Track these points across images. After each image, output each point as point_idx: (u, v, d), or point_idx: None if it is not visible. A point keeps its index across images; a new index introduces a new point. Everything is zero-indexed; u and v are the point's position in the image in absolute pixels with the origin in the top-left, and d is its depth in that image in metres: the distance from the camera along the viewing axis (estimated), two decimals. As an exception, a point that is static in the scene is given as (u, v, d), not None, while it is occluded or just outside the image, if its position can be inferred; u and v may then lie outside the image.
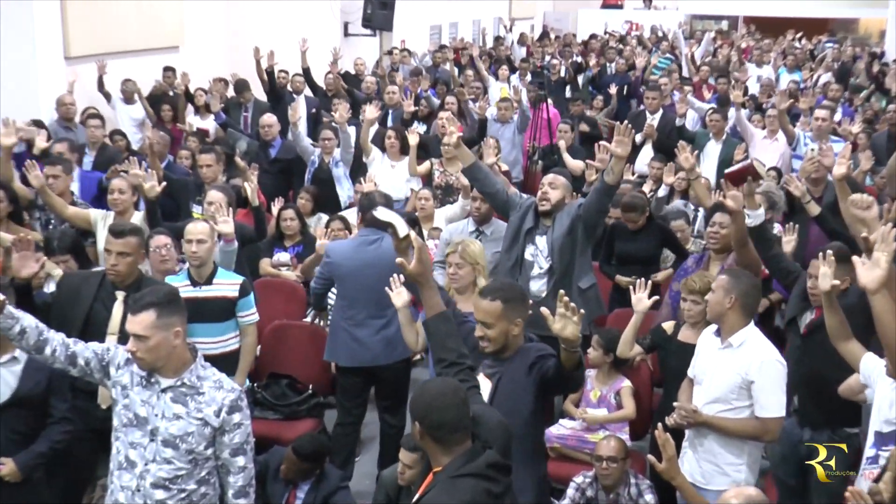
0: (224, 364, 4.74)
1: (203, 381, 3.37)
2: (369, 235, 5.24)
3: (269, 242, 6.72)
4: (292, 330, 5.79)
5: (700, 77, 12.60)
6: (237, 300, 4.85)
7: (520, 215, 5.35)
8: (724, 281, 4.04)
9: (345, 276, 5.24)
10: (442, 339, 3.38)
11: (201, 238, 4.82)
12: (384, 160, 7.94)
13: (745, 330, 3.99)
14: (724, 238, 5.20)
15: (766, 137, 8.68)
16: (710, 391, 4.03)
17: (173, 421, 3.33)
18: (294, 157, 8.45)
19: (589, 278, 5.32)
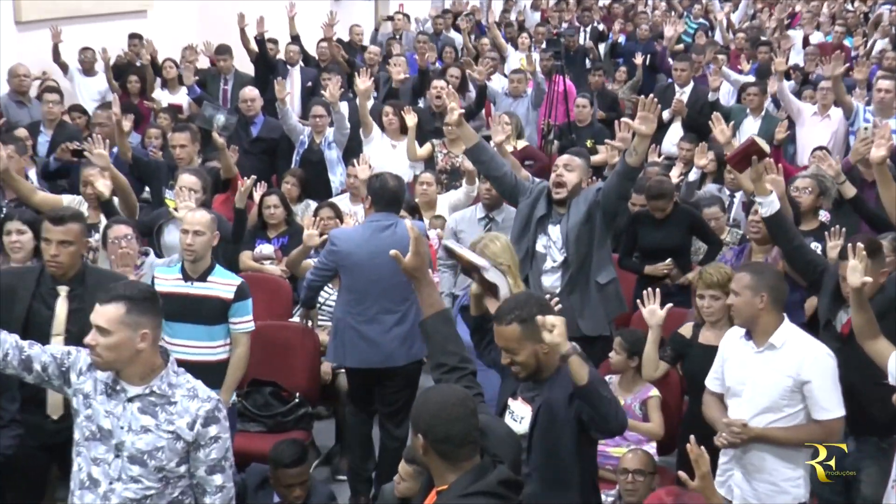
0: (206, 374, 4.70)
1: (175, 390, 3.35)
2: (382, 220, 5.26)
3: (251, 233, 6.76)
4: (277, 331, 5.83)
5: (736, 45, 12.58)
6: (232, 303, 4.86)
7: (530, 202, 5.36)
8: (747, 280, 4.01)
9: (353, 267, 5.25)
10: (442, 342, 3.38)
11: (199, 229, 4.83)
12: (384, 139, 7.97)
13: (783, 327, 4.00)
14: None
15: (817, 114, 8.61)
16: (756, 401, 4.01)
17: (141, 434, 3.30)
18: (279, 136, 8.47)
19: (608, 272, 5.34)
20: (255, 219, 6.86)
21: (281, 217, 6.81)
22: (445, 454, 2.83)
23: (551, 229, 5.29)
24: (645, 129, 4.94)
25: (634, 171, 5.11)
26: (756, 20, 16.22)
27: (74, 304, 4.34)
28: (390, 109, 8.03)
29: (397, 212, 5.42)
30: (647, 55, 11.86)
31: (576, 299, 5.25)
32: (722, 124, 5.95)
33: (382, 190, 5.34)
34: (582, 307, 5.26)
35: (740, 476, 4.10)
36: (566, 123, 9.30)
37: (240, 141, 8.04)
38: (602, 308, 5.31)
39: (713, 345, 4.65)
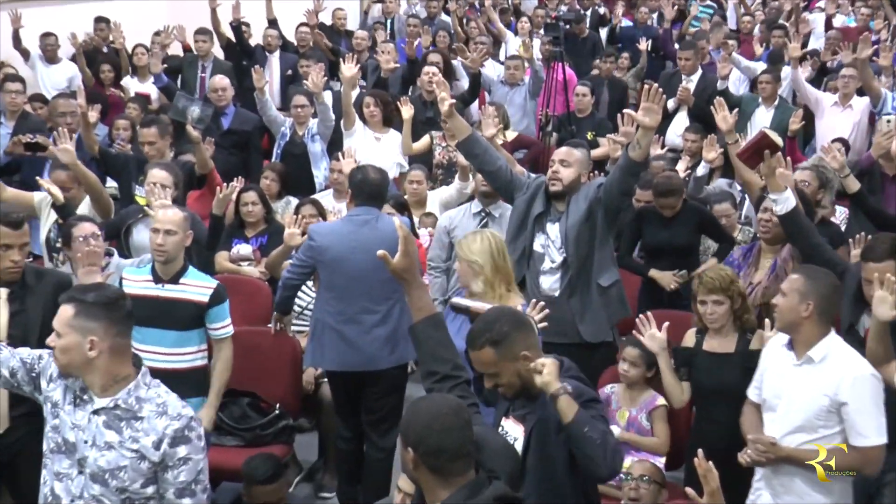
0: (177, 383, 4.72)
1: (144, 405, 3.30)
2: (363, 215, 5.32)
3: (227, 232, 6.74)
4: (255, 337, 5.82)
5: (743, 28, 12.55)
6: (208, 308, 4.87)
7: (526, 198, 5.39)
8: (798, 282, 3.99)
9: (332, 263, 5.30)
10: (433, 348, 3.37)
11: (170, 228, 4.85)
12: (366, 132, 7.98)
13: (826, 341, 3.97)
14: (777, 227, 5.24)
15: (837, 104, 8.61)
16: (790, 418, 4.00)
17: (104, 451, 3.28)
18: (251, 128, 8.47)
19: (611, 274, 5.37)
20: (232, 217, 6.86)
21: (260, 215, 6.81)
22: (437, 469, 2.83)
23: (549, 227, 5.32)
24: (648, 121, 4.95)
25: (638, 166, 5.11)
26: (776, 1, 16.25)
27: (15, 305, 4.37)
28: (371, 100, 8.02)
29: (379, 206, 5.48)
30: (650, 40, 11.88)
31: (576, 302, 5.28)
32: (725, 110, 5.97)
33: (363, 183, 5.39)
34: (583, 311, 5.28)
35: (768, 497, 4.09)
36: (565, 114, 9.31)
37: (209, 134, 8.00)
38: (604, 312, 5.33)
39: (719, 352, 4.70)
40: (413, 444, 2.84)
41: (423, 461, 2.83)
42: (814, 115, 8.83)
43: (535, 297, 5.25)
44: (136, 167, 6.78)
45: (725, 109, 5.99)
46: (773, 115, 8.60)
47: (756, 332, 4.72)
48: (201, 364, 4.93)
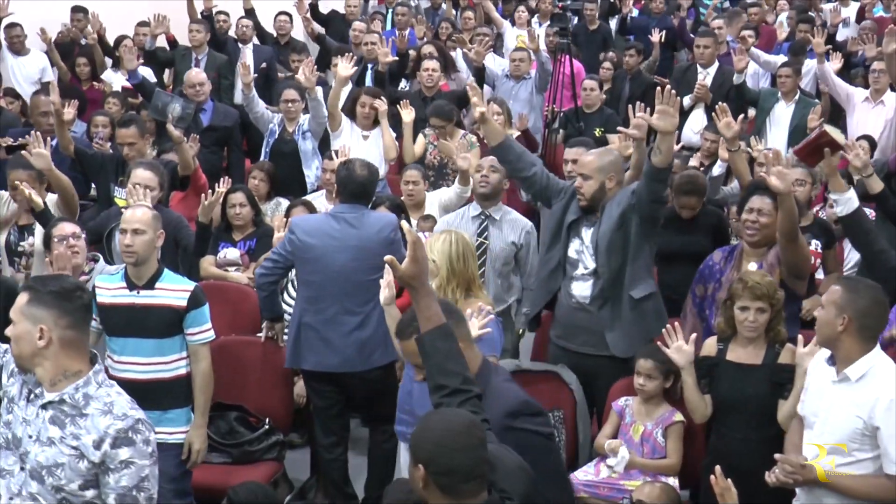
0: (163, 394, 4.85)
1: (91, 402, 3.34)
2: (347, 213, 5.38)
3: (214, 235, 6.75)
4: (243, 347, 5.85)
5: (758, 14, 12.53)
6: (185, 312, 4.87)
7: (563, 204, 5.43)
8: (836, 294, 3.98)
9: (312, 261, 5.36)
10: (441, 361, 3.35)
11: (138, 227, 4.82)
12: (354, 131, 8.02)
13: (866, 358, 3.95)
14: (765, 228, 5.24)
15: (868, 100, 8.62)
16: (825, 438, 4.01)
17: (45, 447, 3.32)
18: (232, 124, 8.50)
19: (646, 286, 5.36)
20: (219, 219, 6.88)
21: (248, 217, 6.83)
22: (448, 488, 2.84)
23: (584, 233, 5.36)
24: (664, 124, 4.94)
25: (663, 172, 5.08)
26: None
27: None
28: (368, 99, 8.06)
29: (365, 204, 5.53)
30: (664, 31, 11.88)
31: (606, 314, 5.30)
32: (728, 116, 5.99)
33: (348, 179, 5.46)
34: (612, 323, 5.30)
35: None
36: (573, 110, 9.32)
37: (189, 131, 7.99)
38: (637, 327, 5.30)
39: (745, 363, 4.69)
40: (424, 462, 2.85)
41: (434, 480, 2.84)
42: (843, 110, 8.86)
43: (566, 303, 5.38)
44: (115, 167, 6.81)
45: (728, 115, 6.00)
46: (793, 111, 8.65)
47: (786, 346, 4.70)
48: (185, 372, 4.93)
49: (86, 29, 10.51)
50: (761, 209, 5.23)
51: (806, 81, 9.71)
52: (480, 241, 6.11)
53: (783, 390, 4.58)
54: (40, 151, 6.02)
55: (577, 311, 5.32)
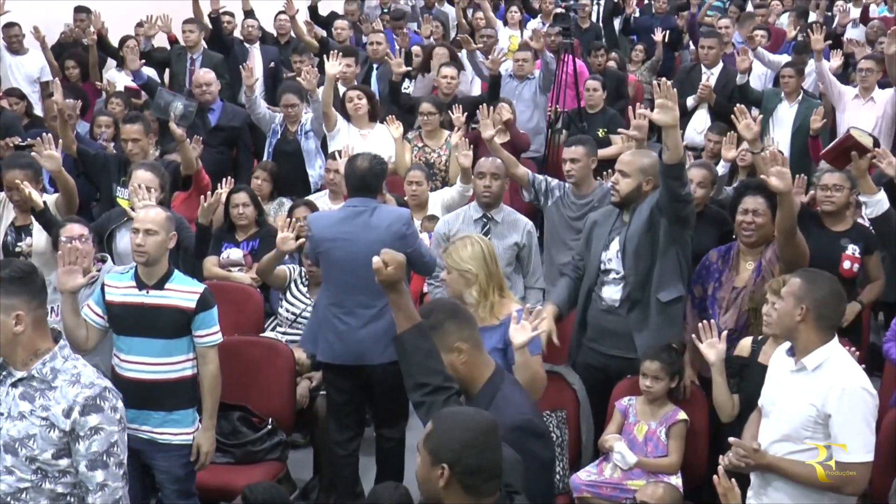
0: (169, 395, 4.86)
1: (58, 375, 3.49)
2: (357, 206, 5.46)
3: (216, 236, 6.79)
4: (246, 348, 5.86)
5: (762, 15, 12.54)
6: (195, 314, 4.87)
7: (601, 213, 5.54)
8: (794, 286, 4.06)
9: (327, 254, 5.48)
10: (422, 359, 3.44)
11: (150, 228, 4.84)
12: (350, 130, 8.03)
13: (823, 349, 4.02)
14: (761, 228, 5.27)
15: (858, 97, 8.72)
16: (779, 426, 4.08)
17: (16, 421, 3.47)
18: (240, 124, 8.51)
19: (674, 289, 5.35)
20: (222, 220, 6.89)
21: (251, 217, 6.86)
22: (472, 488, 2.90)
23: (616, 240, 5.39)
24: (665, 118, 4.93)
25: (675, 168, 5.06)
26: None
27: None
28: (355, 94, 8.08)
29: (373, 196, 5.58)
30: (667, 31, 11.89)
31: (634, 317, 5.32)
32: (747, 117, 5.97)
33: (350, 173, 5.58)
34: (640, 326, 5.31)
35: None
36: (575, 110, 9.32)
37: (196, 131, 7.99)
38: (665, 330, 5.32)
39: None
40: (449, 462, 2.89)
41: (460, 479, 2.89)
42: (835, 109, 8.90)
43: (597, 306, 5.42)
44: (118, 167, 6.83)
45: (748, 117, 5.99)
46: (796, 111, 8.66)
47: None
48: (191, 374, 4.94)
49: (89, 28, 10.53)
50: (756, 209, 5.28)
51: (809, 82, 9.72)
52: None
53: None
54: (51, 153, 6.03)
55: (607, 314, 5.35)
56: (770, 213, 5.23)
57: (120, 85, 9.78)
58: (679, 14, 13.33)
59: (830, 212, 5.83)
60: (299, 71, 9.14)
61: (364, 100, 8.04)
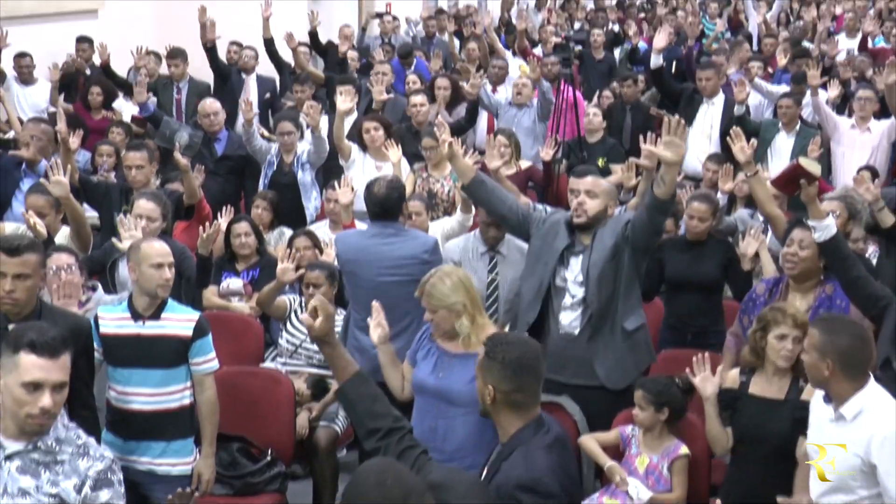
0: (168, 424, 4.87)
1: (63, 446, 3.37)
2: (381, 230, 5.66)
3: (216, 265, 6.82)
4: (246, 378, 5.87)
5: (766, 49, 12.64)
6: (191, 341, 4.90)
7: (542, 234, 5.40)
8: (815, 339, 4.00)
9: (350, 273, 5.69)
10: (368, 406, 3.47)
11: (171, 262, 4.92)
12: (366, 161, 8.05)
13: (859, 396, 3.96)
14: (806, 261, 5.20)
15: (855, 127, 8.78)
16: (827, 474, 4.02)
17: (17, 498, 3.30)
18: (247, 153, 8.56)
19: (637, 317, 5.35)
20: (222, 249, 6.91)
21: (252, 246, 6.89)
22: None
23: (573, 261, 5.31)
24: (671, 155, 4.93)
25: (666, 204, 5.07)
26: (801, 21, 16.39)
27: None
28: (371, 124, 8.08)
29: (394, 219, 5.76)
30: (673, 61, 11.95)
31: (595, 345, 5.27)
32: (742, 141, 6.02)
33: (368, 199, 5.75)
34: (604, 354, 5.27)
35: None
36: (575, 140, 9.35)
37: (203, 161, 8.07)
38: (630, 358, 5.31)
39: (767, 397, 4.67)
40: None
41: None
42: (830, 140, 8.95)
43: (553, 334, 5.31)
44: (120, 196, 6.86)
45: (743, 140, 6.03)
46: (794, 142, 8.71)
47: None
48: (189, 402, 4.96)
49: (91, 58, 10.60)
50: (802, 241, 5.17)
51: (808, 112, 9.77)
52: (492, 277, 6.12)
53: (804, 427, 4.48)
54: (59, 179, 6.05)
55: (566, 342, 5.27)
56: (816, 246, 5.11)
57: (126, 115, 9.84)
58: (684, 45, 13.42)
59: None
60: (300, 101, 9.20)
61: (381, 130, 8.02)
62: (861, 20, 14.84)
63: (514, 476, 3.47)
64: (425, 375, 4.67)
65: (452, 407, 4.53)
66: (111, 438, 4.90)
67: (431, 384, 4.61)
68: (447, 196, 7.97)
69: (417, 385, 4.67)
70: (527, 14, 14.88)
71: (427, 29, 14.06)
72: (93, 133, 9.04)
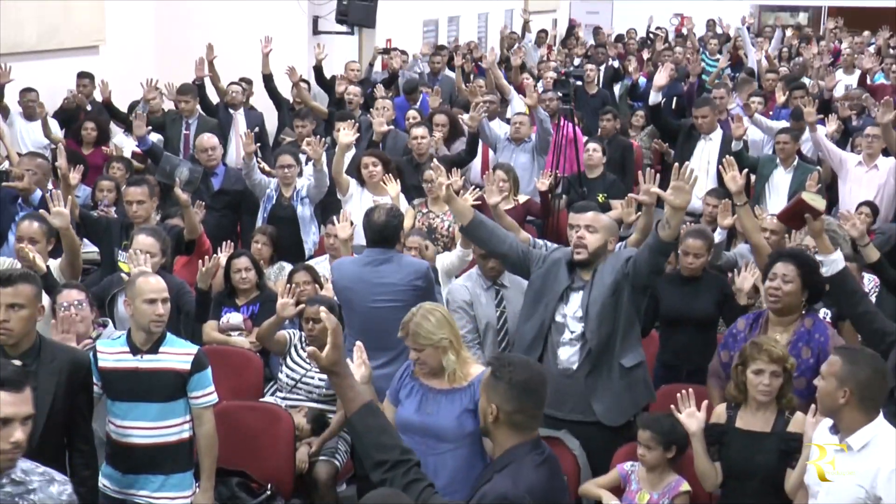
0: (165, 458, 4.90)
1: (31, 476, 3.44)
2: (376, 256, 5.81)
3: (216, 300, 6.85)
4: (246, 413, 5.90)
5: (767, 86, 12.76)
6: (189, 375, 4.94)
7: (542, 272, 5.43)
8: (836, 367, 4.04)
9: (346, 301, 5.79)
10: (376, 438, 3.48)
11: (166, 297, 4.97)
12: (364, 195, 8.10)
13: (869, 427, 4.01)
14: (787, 296, 5.23)
15: (862, 164, 8.80)
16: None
17: None
18: (244, 188, 8.60)
19: (636, 354, 5.37)
20: (222, 284, 6.95)
21: (253, 281, 6.91)
22: None
23: (573, 297, 5.34)
24: (678, 201, 4.97)
25: (669, 246, 5.13)
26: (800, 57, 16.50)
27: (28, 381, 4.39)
28: (370, 160, 8.13)
29: (391, 246, 5.93)
30: (673, 98, 12.03)
31: (593, 381, 5.28)
32: (734, 170, 6.07)
33: (367, 226, 5.94)
34: (602, 391, 5.28)
35: None
36: (575, 175, 9.39)
37: (200, 195, 8.07)
38: (628, 396, 5.32)
39: (754, 430, 4.70)
40: None
41: None
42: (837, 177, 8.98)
43: (552, 370, 5.27)
44: (120, 231, 6.88)
45: (735, 169, 6.10)
46: (791, 177, 8.74)
47: (796, 414, 4.71)
48: (188, 436, 4.99)
49: (91, 94, 10.66)
50: (785, 275, 5.20)
51: (808, 147, 9.82)
52: (500, 311, 6.14)
53: (791, 459, 4.58)
54: (59, 210, 6.08)
55: (564, 377, 5.27)
56: (800, 280, 5.19)
57: (127, 150, 9.89)
58: (685, 81, 13.51)
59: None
60: (300, 136, 9.26)
61: (379, 166, 8.08)
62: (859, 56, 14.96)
63: (500, 489, 3.53)
64: (410, 414, 4.68)
65: (441, 443, 4.57)
66: (110, 472, 4.94)
67: (417, 422, 4.62)
68: (447, 231, 8.01)
69: (402, 424, 4.65)
70: (524, 50, 15.06)
71: (432, 65, 14.14)
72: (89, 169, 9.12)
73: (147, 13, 12.64)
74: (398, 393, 4.79)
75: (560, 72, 12.06)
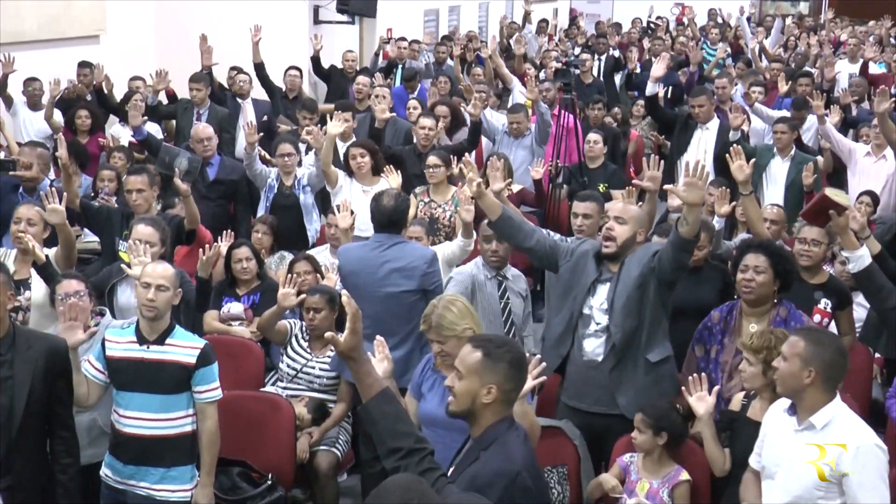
0: (166, 451, 4.89)
1: None
2: (382, 241, 5.84)
3: (217, 290, 6.85)
4: (247, 403, 5.89)
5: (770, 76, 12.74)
6: (195, 369, 4.91)
7: (570, 265, 5.44)
8: (800, 348, 4.07)
9: (353, 285, 5.76)
10: (391, 425, 3.46)
11: (162, 284, 4.90)
12: (353, 186, 8.08)
13: (830, 406, 4.05)
14: (761, 287, 5.27)
15: (870, 154, 8.78)
16: (789, 487, 4.07)
17: None
18: (238, 177, 8.59)
19: (662, 349, 5.36)
20: (222, 274, 6.94)
21: (253, 271, 6.90)
22: None
23: (600, 289, 5.34)
24: (692, 197, 4.98)
25: (690, 242, 5.13)
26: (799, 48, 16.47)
27: (3, 371, 4.40)
28: (358, 151, 8.11)
29: (398, 231, 5.98)
30: (669, 87, 12.01)
31: (618, 374, 5.29)
32: (741, 159, 6.06)
33: (376, 211, 5.95)
34: (626, 384, 5.28)
35: None
36: (576, 165, 9.38)
37: (195, 185, 8.05)
38: (654, 391, 5.28)
39: (759, 420, 4.66)
40: None
41: None
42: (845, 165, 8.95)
43: (577, 361, 5.36)
44: (121, 221, 6.86)
45: (742, 158, 6.08)
46: (789, 167, 8.72)
47: None
48: (190, 430, 4.97)
49: (92, 83, 10.65)
50: (757, 266, 5.27)
51: (809, 136, 9.80)
52: (504, 302, 6.16)
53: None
54: (55, 207, 6.06)
55: (589, 369, 5.30)
56: (771, 271, 5.25)
57: (124, 140, 9.85)
58: (681, 70, 13.48)
59: (807, 266, 5.94)
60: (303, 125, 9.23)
61: (367, 157, 8.06)
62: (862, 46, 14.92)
63: (493, 467, 3.51)
64: (434, 408, 4.67)
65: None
66: (112, 461, 4.95)
67: (441, 416, 4.60)
68: (448, 221, 8.00)
69: (426, 418, 4.66)
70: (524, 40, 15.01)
71: (438, 55, 14.13)
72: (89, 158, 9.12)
73: (148, 3, 12.63)
74: (420, 387, 4.79)
75: (562, 61, 12.05)
